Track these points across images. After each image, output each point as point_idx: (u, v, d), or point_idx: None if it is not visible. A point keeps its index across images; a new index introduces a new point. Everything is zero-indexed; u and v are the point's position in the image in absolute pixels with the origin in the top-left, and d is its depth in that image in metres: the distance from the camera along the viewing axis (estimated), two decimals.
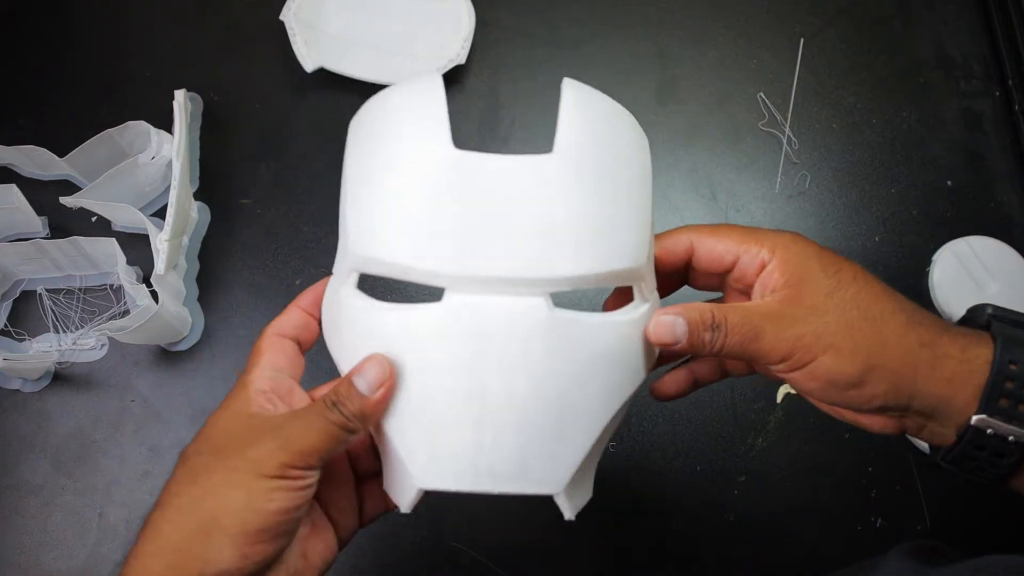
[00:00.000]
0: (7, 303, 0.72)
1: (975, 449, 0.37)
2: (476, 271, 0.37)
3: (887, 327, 0.37)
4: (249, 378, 0.39)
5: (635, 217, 0.40)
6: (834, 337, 0.37)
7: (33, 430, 0.69)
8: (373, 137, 0.40)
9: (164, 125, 0.72)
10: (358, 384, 0.37)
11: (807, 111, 0.78)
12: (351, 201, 0.40)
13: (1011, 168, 0.77)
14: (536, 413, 0.38)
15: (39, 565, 0.65)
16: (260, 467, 0.35)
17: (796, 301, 0.38)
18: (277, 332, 0.41)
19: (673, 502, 0.67)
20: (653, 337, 0.39)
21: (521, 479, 0.38)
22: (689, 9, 0.81)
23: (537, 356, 0.37)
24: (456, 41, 0.76)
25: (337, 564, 0.65)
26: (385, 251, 0.37)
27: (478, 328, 0.37)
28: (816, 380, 0.38)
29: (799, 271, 0.39)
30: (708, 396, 0.69)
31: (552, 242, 0.37)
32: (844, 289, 0.38)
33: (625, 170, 0.40)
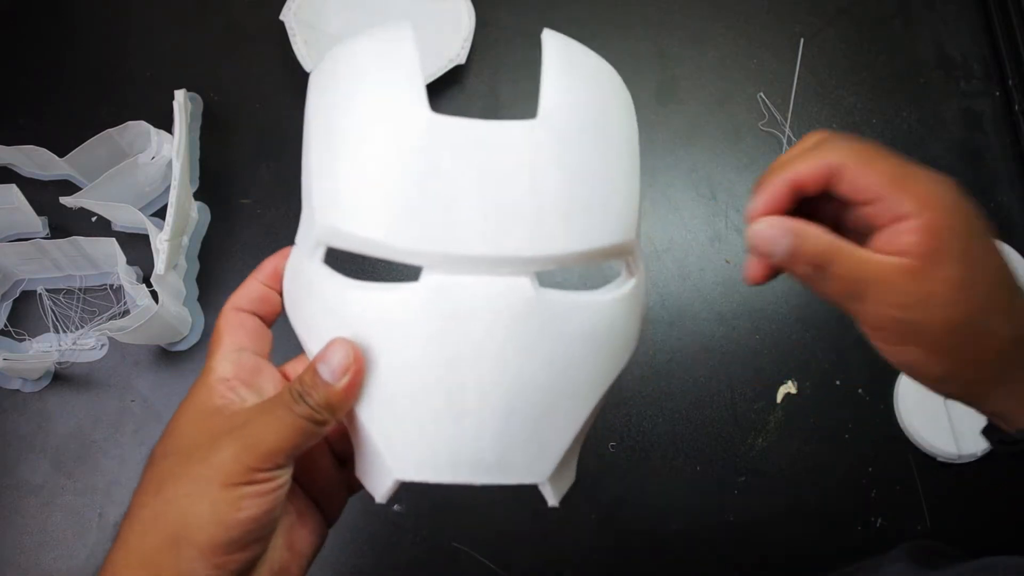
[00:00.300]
0: (7, 303, 0.72)
1: None
2: (458, 250, 0.33)
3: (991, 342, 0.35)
4: (211, 365, 0.36)
5: (625, 188, 0.37)
6: (935, 335, 0.34)
7: (33, 430, 0.69)
8: (338, 92, 0.36)
9: (164, 125, 0.72)
10: (322, 372, 0.34)
11: (807, 111, 0.78)
12: (316, 165, 0.36)
13: (1011, 168, 0.77)
14: (520, 401, 0.35)
15: (39, 565, 0.65)
16: (224, 475, 0.32)
17: (919, 280, 0.34)
18: (235, 307, 0.38)
19: (673, 502, 0.67)
20: (752, 241, 0.35)
21: (504, 470, 0.36)
22: (689, 9, 0.81)
23: (522, 340, 0.34)
24: (456, 41, 0.76)
25: (337, 564, 0.65)
26: (356, 225, 0.34)
27: (459, 311, 0.34)
28: (898, 362, 0.36)
29: (939, 246, 0.34)
30: (708, 396, 0.69)
31: (539, 218, 0.34)
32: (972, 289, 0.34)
33: (614, 136, 0.37)
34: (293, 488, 0.36)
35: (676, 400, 0.69)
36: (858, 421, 0.68)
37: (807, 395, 0.69)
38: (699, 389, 0.69)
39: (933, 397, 0.66)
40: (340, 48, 0.37)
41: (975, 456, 0.66)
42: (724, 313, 0.71)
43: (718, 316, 0.71)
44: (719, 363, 0.70)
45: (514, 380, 0.35)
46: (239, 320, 0.38)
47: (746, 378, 0.69)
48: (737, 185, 0.76)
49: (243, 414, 0.35)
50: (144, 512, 0.33)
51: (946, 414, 0.66)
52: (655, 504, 0.67)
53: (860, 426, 0.68)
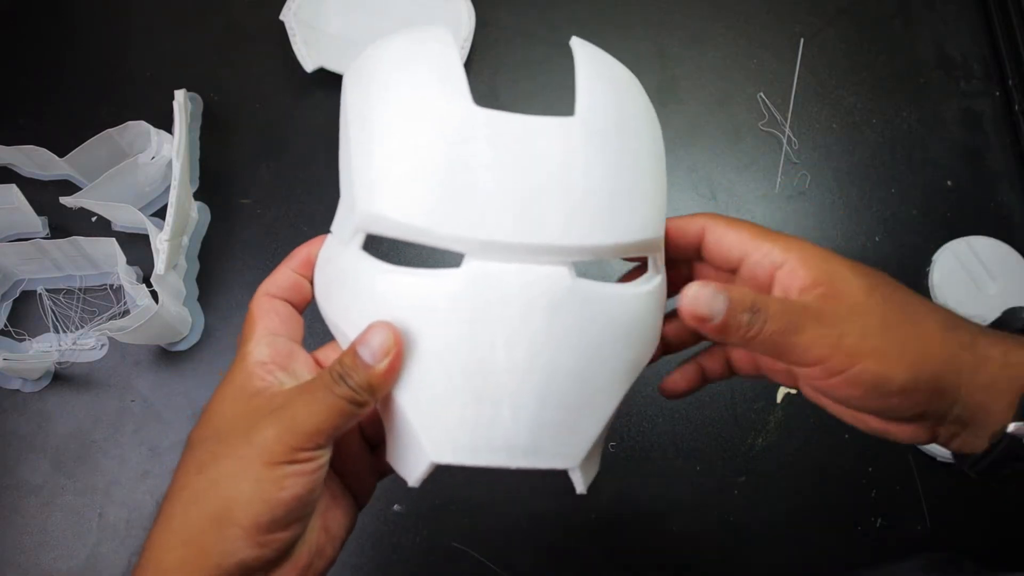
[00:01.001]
0: (7, 303, 0.72)
1: (1010, 459, 0.35)
2: (498, 237, 0.34)
3: (928, 329, 0.35)
4: (247, 349, 0.37)
5: (653, 187, 0.38)
6: (879, 339, 0.34)
7: (33, 430, 0.69)
8: (375, 84, 0.37)
9: (164, 125, 0.72)
10: (362, 354, 0.34)
11: (807, 111, 0.78)
12: (357, 155, 0.36)
13: (1011, 168, 0.77)
14: (555, 387, 0.36)
15: (39, 565, 0.65)
16: (268, 454, 0.33)
17: (834, 298, 0.35)
18: (267, 293, 0.39)
19: (673, 502, 0.67)
20: (689, 308, 0.35)
21: (537, 454, 0.36)
22: (689, 9, 0.81)
23: (558, 327, 0.35)
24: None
25: (337, 564, 0.65)
26: (399, 212, 0.34)
27: (499, 297, 0.35)
28: (858, 387, 0.35)
29: (827, 269, 0.36)
30: (708, 396, 0.69)
31: (578, 209, 0.35)
32: (880, 290, 0.35)
33: (643, 137, 0.39)
34: (327, 471, 0.36)
35: (676, 400, 0.69)
36: None
37: None
38: (699, 389, 0.69)
39: None
40: (378, 45, 0.39)
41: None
42: None
43: None
44: None
45: (550, 366, 0.36)
46: (271, 306, 0.39)
47: (747, 378, 0.69)
48: (737, 185, 0.76)
49: (283, 395, 0.35)
50: (186, 492, 0.33)
51: None
52: (655, 504, 0.67)
53: None
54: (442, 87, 0.35)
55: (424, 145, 0.35)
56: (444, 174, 0.34)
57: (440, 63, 0.36)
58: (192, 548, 0.32)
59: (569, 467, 0.37)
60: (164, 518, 0.33)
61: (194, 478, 0.33)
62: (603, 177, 0.36)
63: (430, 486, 0.63)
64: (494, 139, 0.35)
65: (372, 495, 0.42)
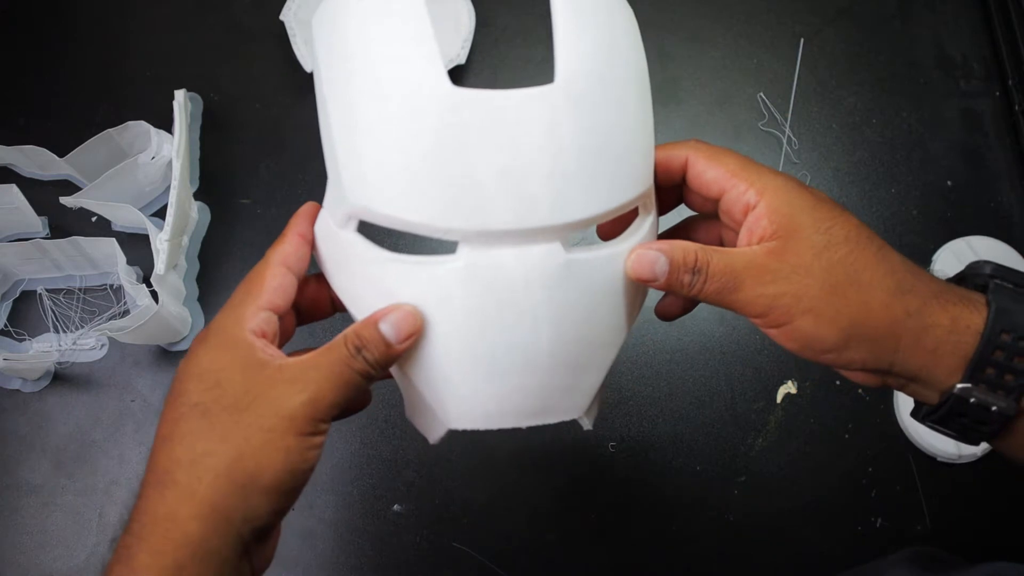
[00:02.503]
0: (7, 303, 0.72)
1: (956, 416, 0.37)
2: (490, 226, 0.35)
3: (873, 295, 0.36)
4: (244, 314, 0.37)
5: (643, 136, 0.39)
6: (815, 301, 0.36)
7: (33, 430, 0.69)
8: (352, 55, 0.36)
9: (164, 125, 0.72)
10: (385, 331, 0.36)
11: (807, 111, 0.78)
12: (340, 143, 0.37)
13: (1011, 168, 0.77)
14: (559, 356, 0.37)
15: (39, 565, 0.65)
16: (295, 426, 0.35)
17: (781, 255, 0.36)
18: (283, 263, 0.39)
19: (673, 502, 0.67)
20: (632, 271, 0.38)
21: (546, 413, 0.39)
22: (689, 9, 0.81)
23: (557, 302, 0.37)
24: (456, 41, 0.76)
25: (337, 564, 0.65)
26: (390, 207, 0.35)
27: (496, 281, 0.36)
28: (794, 341, 0.37)
29: (789, 222, 0.36)
30: (708, 396, 0.69)
31: (569, 185, 0.36)
32: (834, 249, 0.36)
33: (630, 79, 0.38)
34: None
35: (676, 400, 0.69)
36: (858, 421, 0.68)
37: (807, 395, 0.69)
38: (699, 389, 0.69)
39: None
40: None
41: (975, 456, 0.66)
42: (724, 313, 0.71)
43: (718, 316, 0.71)
44: (719, 363, 0.70)
45: (553, 338, 0.37)
46: (282, 281, 0.38)
47: (746, 378, 0.69)
48: None
49: (297, 368, 0.36)
50: (212, 460, 0.34)
51: None
52: (655, 504, 0.67)
53: (860, 426, 0.68)
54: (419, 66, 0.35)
55: (408, 139, 0.35)
56: (430, 169, 0.35)
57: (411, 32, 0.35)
58: (218, 515, 0.33)
59: (575, 416, 0.40)
60: (183, 486, 0.34)
61: (217, 445, 0.34)
62: (591, 146, 0.36)
63: (430, 487, 0.63)
64: (478, 124, 0.35)
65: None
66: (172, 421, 0.35)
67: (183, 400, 0.35)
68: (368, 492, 0.66)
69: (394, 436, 0.68)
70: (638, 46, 0.40)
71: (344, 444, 0.68)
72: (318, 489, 0.67)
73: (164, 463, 0.34)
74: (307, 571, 0.65)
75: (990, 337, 0.35)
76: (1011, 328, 0.35)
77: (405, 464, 0.67)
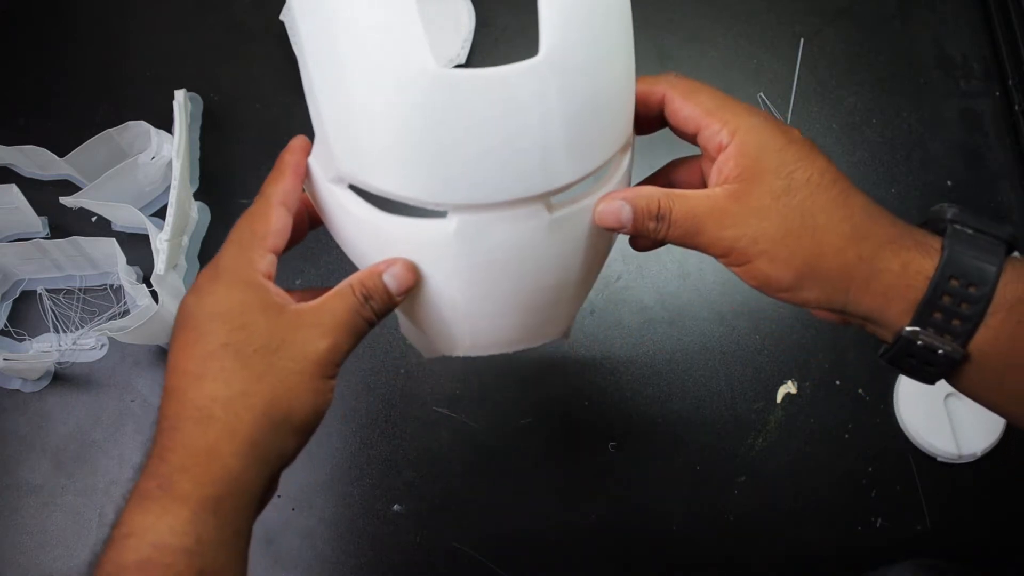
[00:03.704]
0: (7, 303, 0.72)
1: (906, 356, 0.38)
2: (478, 199, 0.37)
3: (826, 238, 0.37)
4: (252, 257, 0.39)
5: (627, 91, 0.40)
6: (770, 244, 0.37)
7: (33, 430, 0.69)
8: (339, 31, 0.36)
9: (164, 125, 0.72)
10: (388, 282, 0.39)
11: (807, 111, 0.78)
12: (329, 114, 0.38)
13: (1011, 168, 0.77)
14: (541, 298, 0.41)
15: (39, 565, 0.65)
16: (321, 369, 0.38)
17: (742, 199, 0.38)
18: (283, 203, 0.41)
19: (673, 502, 0.67)
20: (599, 221, 0.40)
21: (529, 340, 0.44)
22: (689, 9, 0.81)
23: (541, 255, 0.40)
24: (456, 41, 0.76)
25: (337, 564, 0.65)
26: (380, 180, 0.37)
27: (485, 241, 0.38)
28: (752, 279, 0.39)
29: (753, 166, 0.38)
30: (708, 396, 0.69)
31: (549, 154, 0.37)
32: (793, 194, 0.38)
33: (616, 37, 0.39)
34: None
35: (676, 400, 0.69)
36: (858, 421, 0.68)
37: (807, 395, 0.69)
38: (699, 389, 0.69)
39: (933, 397, 0.67)
40: None
41: (975, 456, 0.66)
42: (724, 313, 0.71)
43: (718, 316, 0.71)
44: (719, 363, 0.70)
45: (537, 283, 0.41)
46: (285, 223, 0.40)
47: (746, 378, 0.69)
48: None
49: (313, 314, 0.39)
50: (251, 399, 0.36)
51: (946, 414, 0.66)
52: (655, 504, 0.67)
53: (860, 426, 0.68)
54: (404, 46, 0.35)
55: (394, 120, 0.36)
56: (418, 146, 0.36)
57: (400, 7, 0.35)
58: (256, 451, 0.36)
59: (554, 339, 0.45)
60: (226, 424, 0.36)
61: (254, 385, 0.36)
62: (577, 114, 0.37)
63: (430, 486, 0.63)
64: (468, 102, 0.35)
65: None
66: (201, 359, 0.37)
67: (209, 338, 0.37)
68: (368, 492, 0.66)
69: (394, 436, 0.68)
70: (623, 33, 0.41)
71: (344, 444, 0.68)
72: (318, 489, 0.67)
73: (199, 399, 0.36)
74: (307, 571, 0.65)
75: (938, 283, 0.36)
76: (960, 274, 0.36)
77: (405, 464, 0.67)
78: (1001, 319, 0.36)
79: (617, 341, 0.70)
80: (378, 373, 0.69)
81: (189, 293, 0.39)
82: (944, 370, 0.37)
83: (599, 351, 0.70)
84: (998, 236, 0.37)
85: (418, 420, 0.68)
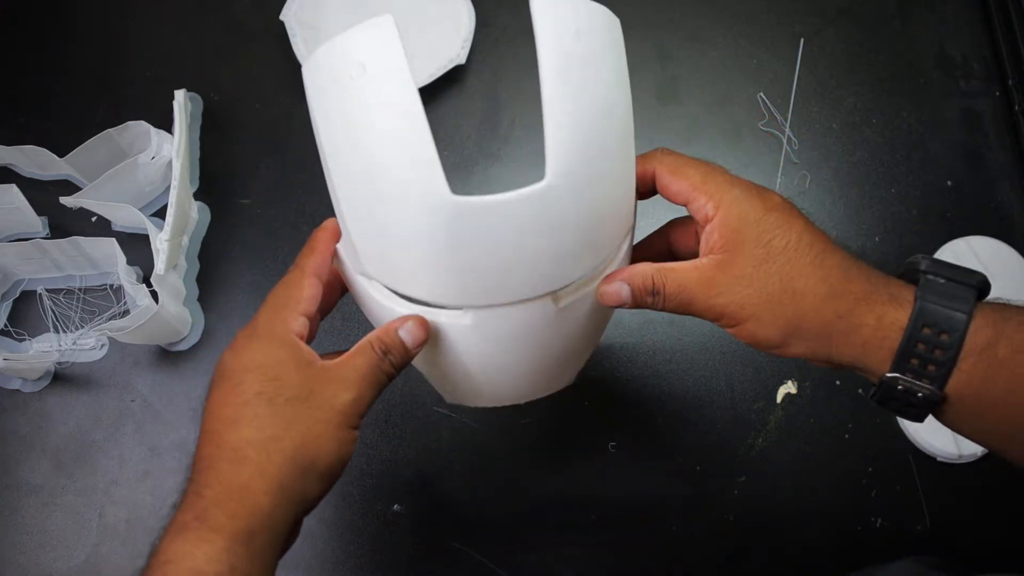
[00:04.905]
0: (7, 303, 0.72)
1: (891, 399, 0.41)
2: (497, 302, 0.42)
3: (805, 301, 0.41)
4: (285, 316, 0.42)
5: (628, 191, 0.44)
6: (755, 308, 0.42)
7: (33, 430, 0.69)
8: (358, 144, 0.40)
9: (164, 125, 0.72)
10: (404, 337, 0.43)
11: (807, 111, 0.78)
12: (353, 224, 0.42)
13: (1011, 168, 0.76)
14: (550, 363, 0.48)
15: (39, 565, 0.65)
16: (346, 420, 0.41)
17: (727, 268, 0.42)
18: (316, 274, 0.44)
19: (673, 502, 0.67)
20: (601, 300, 0.45)
21: (541, 393, 0.51)
22: (689, 9, 0.81)
23: (550, 335, 0.45)
24: (456, 41, 0.76)
25: (337, 564, 0.65)
26: (403, 288, 0.43)
27: (498, 330, 0.44)
28: (745, 338, 0.43)
29: (735, 237, 0.42)
30: (708, 396, 0.69)
31: (559, 260, 0.41)
32: (771, 262, 0.41)
33: (617, 146, 0.42)
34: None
35: (676, 400, 0.69)
36: (858, 421, 0.68)
37: (807, 395, 0.69)
38: (699, 389, 0.69)
39: None
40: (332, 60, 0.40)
41: (975, 456, 0.66)
42: None
43: None
44: (719, 363, 0.70)
45: (545, 358, 0.47)
46: (316, 290, 0.44)
47: (746, 378, 0.69)
48: None
49: (339, 369, 0.42)
50: (280, 444, 0.40)
51: None
52: (655, 504, 0.67)
53: (860, 426, 0.68)
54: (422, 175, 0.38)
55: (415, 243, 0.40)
56: (438, 265, 0.40)
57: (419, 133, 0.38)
58: (284, 492, 0.39)
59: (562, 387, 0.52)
60: (255, 464, 0.39)
61: (284, 431, 0.40)
62: (582, 226, 0.41)
63: (430, 486, 0.63)
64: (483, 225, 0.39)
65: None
66: (237, 406, 0.40)
67: (245, 388, 0.40)
68: (368, 492, 0.66)
69: (394, 436, 0.68)
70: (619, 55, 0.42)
71: None
72: None
73: (234, 442, 0.39)
74: (307, 571, 0.65)
75: (911, 333, 0.40)
76: (932, 323, 0.39)
77: (405, 464, 0.67)
78: (972, 363, 0.39)
79: (617, 341, 0.70)
80: None
81: (226, 350, 0.42)
82: (925, 410, 0.41)
83: (599, 351, 0.70)
84: (969, 284, 0.40)
85: (418, 420, 0.68)
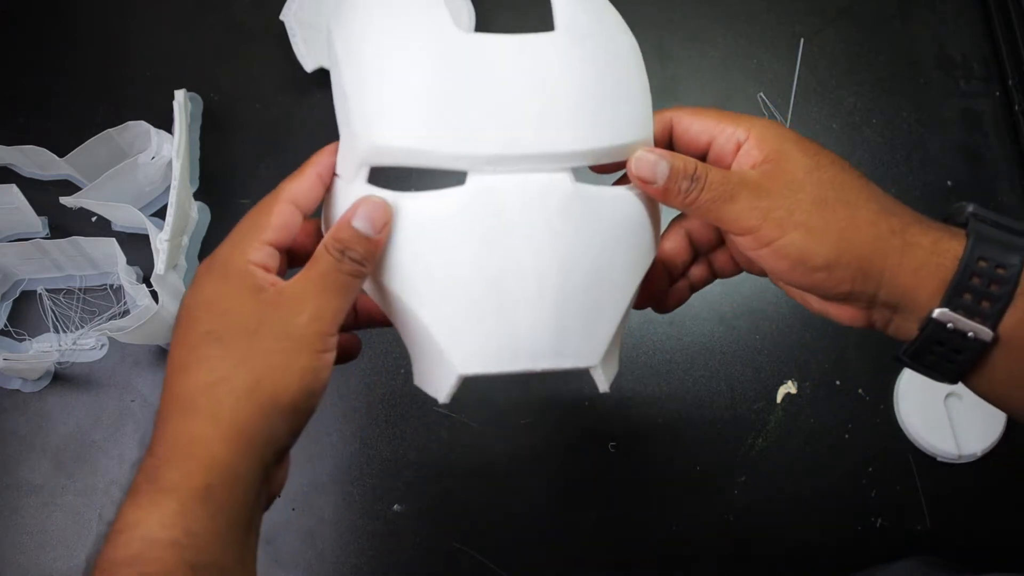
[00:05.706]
0: (7, 303, 0.72)
1: (935, 344, 0.37)
2: (500, 150, 0.36)
3: (860, 212, 0.37)
4: (246, 248, 0.38)
5: (641, 88, 0.41)
6: (806, 215, 0.37)
7: (33, 430, 0.69)
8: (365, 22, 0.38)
9: (164, 125, 0.72)
10: (361, 227, 0.37)
11: (807, 111, 0.78)
12: (354, 91, 0.37)
13: (1011, 168, 0.77)
14: (570, 288, 0.38)
15: (39, 565, 0.65)
16: (307, 345, 0.36)
17: (775, 174, 0.38)
18: (292, 200, 0.39)
19: (673, 502, 0.67)
20: (634, 170, 0.39)
21: (559, 355, 0.38)
22: (689, 9, 0.81)
23: (567, 230, 0.37)
24: None
25: (337, 564, 0.65)
26: (399, 137, 0.36)
27: (505, 207, 0.37)
28: (785, 259, 0.38)
29: (778, 148, 0.38)
30: (708, 396, 0.69)
31: (574, 116, 0.37)
32: (823, 170, 0.38)
33: (626, 48, 0.41)
34: None
35: (676, 400, 0.69)
36: (858, 421, 0.68)
37: (807, 395, 0.69)
38: (699, 389, 0.69)
39: (933, 397, 0.67)
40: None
41: (975, 456, 0.66)
42: (724, 313, 0.71)
43: (718, 316, 0.71)
44: (719, 363, 0.70)
45: (562, 268, 0.37)
46: (290, 219, 0.39)
47: (746, 378, 0.69)
48: None
49: (292, 288, 0.37)
50: (232, 384, 0.35)
51: (946, 414, 0.66)
52: (655, 504, 0.67)
53: (860, 426, 0.68)
54: (426, 16, 0.37)
55: (416, 73, 0.36)
56: (440, 98, 0.36)
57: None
58: (243, 437, 0.34)
59: (591, 364, 0.39)
60: (208, 412, 0.34)
61: (236, 369, 0.35)
62: (594, 82, 0.38)
63: (430, 486, 0.63)
64: (483, 60, 0.36)
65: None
66: (186, 349, 0.36)
67: (194, 329, 0.36)
68: (368, 492, 0.67)
69: (394, 436, 0.68)
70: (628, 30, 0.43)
71: (344, 444, 0.68)
72: (318, 489, 0.67)
73: (183, 390, 0.35)
74: (307, 571, 0.65)
75: (968, 261, 0.36)
76: (988, 256, 0.36)
77: (405, 464, 0.67)
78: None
79: None
80: (378, 373, 0.69)
81: (189, 288, 0.38)
82: (971, 356, 0.37)
83: None
84: (1018, 230, 0.37)
85: (418, 420, 0.68)
